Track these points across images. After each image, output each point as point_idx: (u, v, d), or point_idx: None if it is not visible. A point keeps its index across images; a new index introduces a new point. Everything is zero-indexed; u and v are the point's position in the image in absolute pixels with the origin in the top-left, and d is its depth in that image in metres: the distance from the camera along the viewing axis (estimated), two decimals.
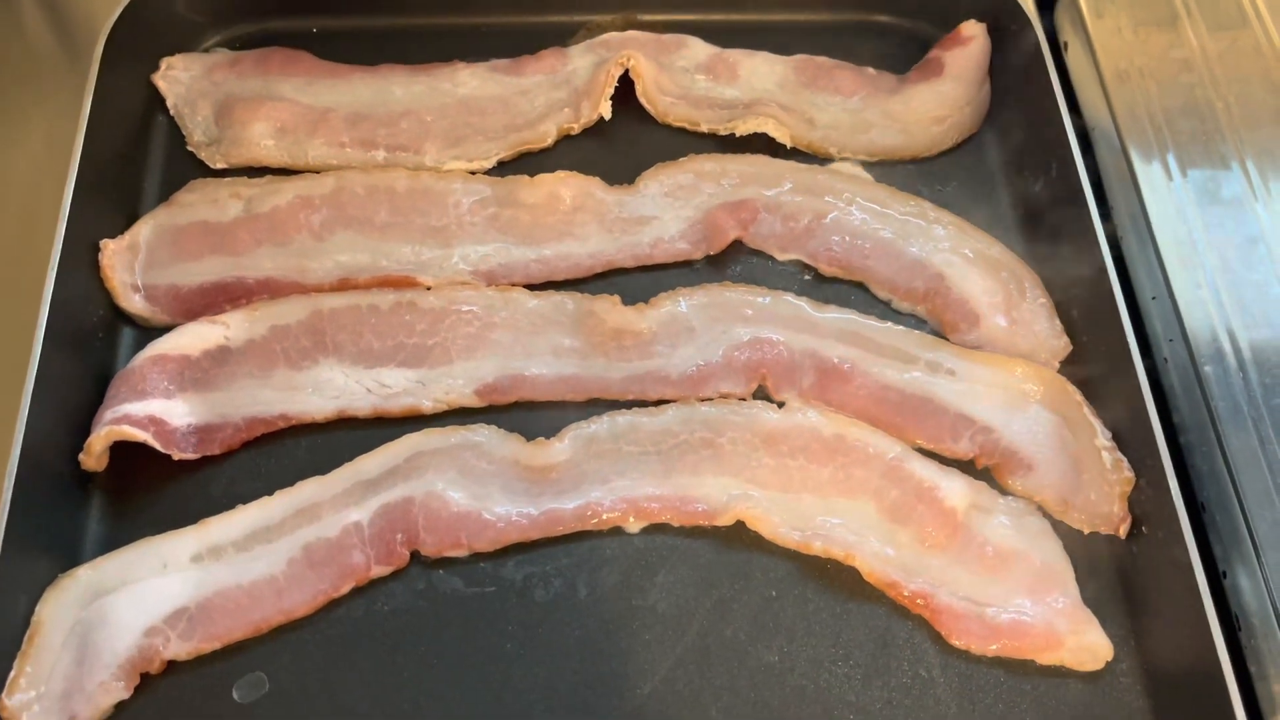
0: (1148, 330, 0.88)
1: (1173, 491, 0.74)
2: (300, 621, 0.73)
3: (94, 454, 0.75)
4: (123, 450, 0.76)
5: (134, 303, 0.83)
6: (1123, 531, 0.76)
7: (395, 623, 0.73)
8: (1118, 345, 0.80)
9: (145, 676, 0.71)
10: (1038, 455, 0.79)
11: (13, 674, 0.68)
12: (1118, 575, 0.77)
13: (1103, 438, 0.78)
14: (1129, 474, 0.76)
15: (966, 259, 0.86)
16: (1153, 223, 0.89)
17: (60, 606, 0.71)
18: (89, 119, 0.86)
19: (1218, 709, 0.68)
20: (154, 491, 0.78)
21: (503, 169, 0.91)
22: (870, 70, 0.97)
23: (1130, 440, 0.78)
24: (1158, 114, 0.96)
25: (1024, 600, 0.74)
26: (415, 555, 0.75)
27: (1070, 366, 0.84)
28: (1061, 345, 0.84)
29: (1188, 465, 0.81)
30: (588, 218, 0.87)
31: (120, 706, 0.70)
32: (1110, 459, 0.77)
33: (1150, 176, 0.92)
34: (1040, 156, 0.92)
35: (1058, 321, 0.85)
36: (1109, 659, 0.73)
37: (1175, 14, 1.02)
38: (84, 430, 0.77)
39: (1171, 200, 0.90)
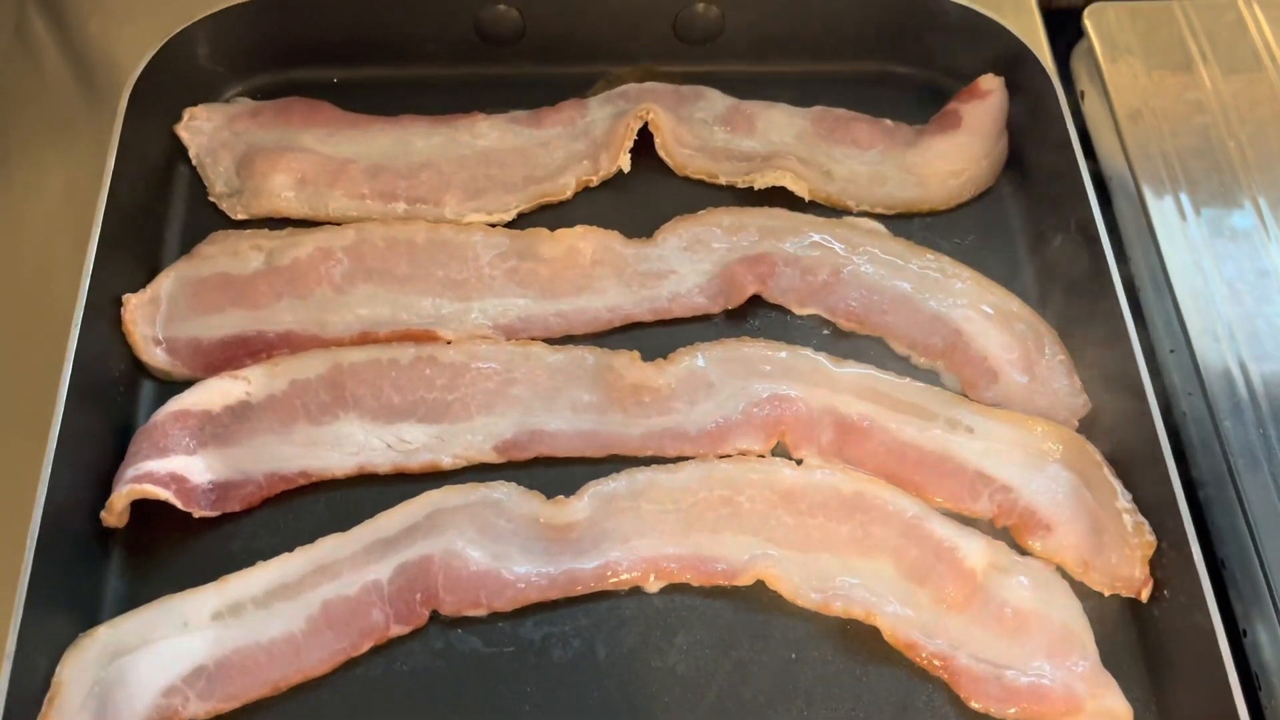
0: (1166, 384, 0.88)
1: (1194, 555, 0.73)
2: (318, 681, 0.73)
3: (115, 512, 0.75)
4: (143, 506, 0.76)
5: (155, 356, 0.83)
6: (1144, 595, 0.76)
7: (413, 682, 0.73)
8: (1137, 402, 0.80)
9: None
10: (1057, 515, 0.79)
11: None
12: (1138, 637, 0.77)
13: (1123, 499, 0.78)
14: (1150, 538, 0.76)
15: (984, 314, 0.86)
16: (1169, 270, 0.90)
17: (80, 667, 0.71)
18: (113, 169, 0.86)
19: None
20: (174, 548, 0.78)
21: (522, 220, 0.92)
22: (888, 122, 0.98)
23: (1150, 500, 0.78)
24: (1171, 154, 0.97)
25: (1043, 663, 0.74)
26: (434, 615, 0.75)
27: (1089, 424, 0.83)
28: (1080, 404, 0.84)
29: (1207, 521, 0.81)
30: (607, 271, 0.87)
31: None
32: (1131, 522, 0.77)
33: (1164, 216, 0.92)
34: (1057, 209, 0.92)
35: (1076, 379, 0.85)
36: None
37: (1190, 58, 1.03)
38: (105, 485, 0.77)
39: (1186, 241, 0.91)
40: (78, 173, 0.92)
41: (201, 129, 0.94)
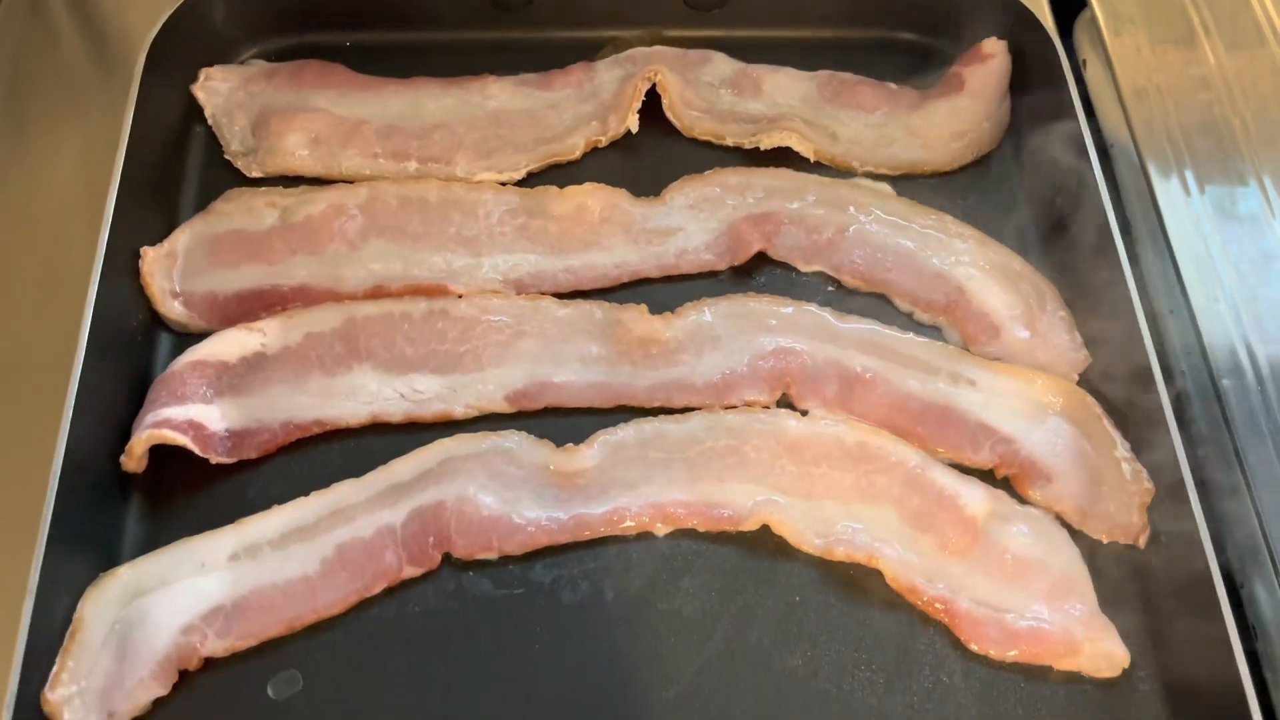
0: (1165, 346, 0.89)
1: (1192, 502, 0.75)
2: (333, 620, 0.75)
3: (135, 456, 0.77)
4: (161, 452, 0.78)
5: (173, 308, 0.85)
6: (1142, 542, 0.77)
7: (426, 623, 0.75)
8: (1137, 357, 0.82)
9: (183, 673, 0.73)
10: (1057, 466, 0.80)
11: (55, 670, 0.69)
12: (1136, 585, 0.78)
13: (1122, 449, 0.79)
14: (1149, 485, 0.78)
15: (987, 272, 0.88)
16: (1170, 238, 0.91)
17: (101, 605, 0.73)
18: (131, 128, 0.88)
19: (1235, 717, 0.69)
20: (191, 494, 0.79)
21: (531, 180, 0.93)
22: (892, 86, 0.99)
23: (1149, 452, 0.79)
24: (1175, 131, 0.97)
25: (1042, 607, 0.75)
26: (446, 557, 0.77)
27: (1089, 379, 0.85)
28: (1081, 358, 0.85)
29: (1205, 479, 0.82)
30: (614, 229, 0.89)
31: (158, 703, 0.72)
32: (1130, 470, 0.78)
33: (1168, 192, 0.93)
34: (1060, 172, 0.93)
35: (1077, 335, 0.86)
36: (1125, 666, 0.74)
37: (1193, 32, 1.04)
38: (124, 432, 0.79)
39: (1189, 215, 0.92)
40: (95, 134, 0.93)
41: (217, 90, 0.95)
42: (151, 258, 0.85)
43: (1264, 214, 0.91)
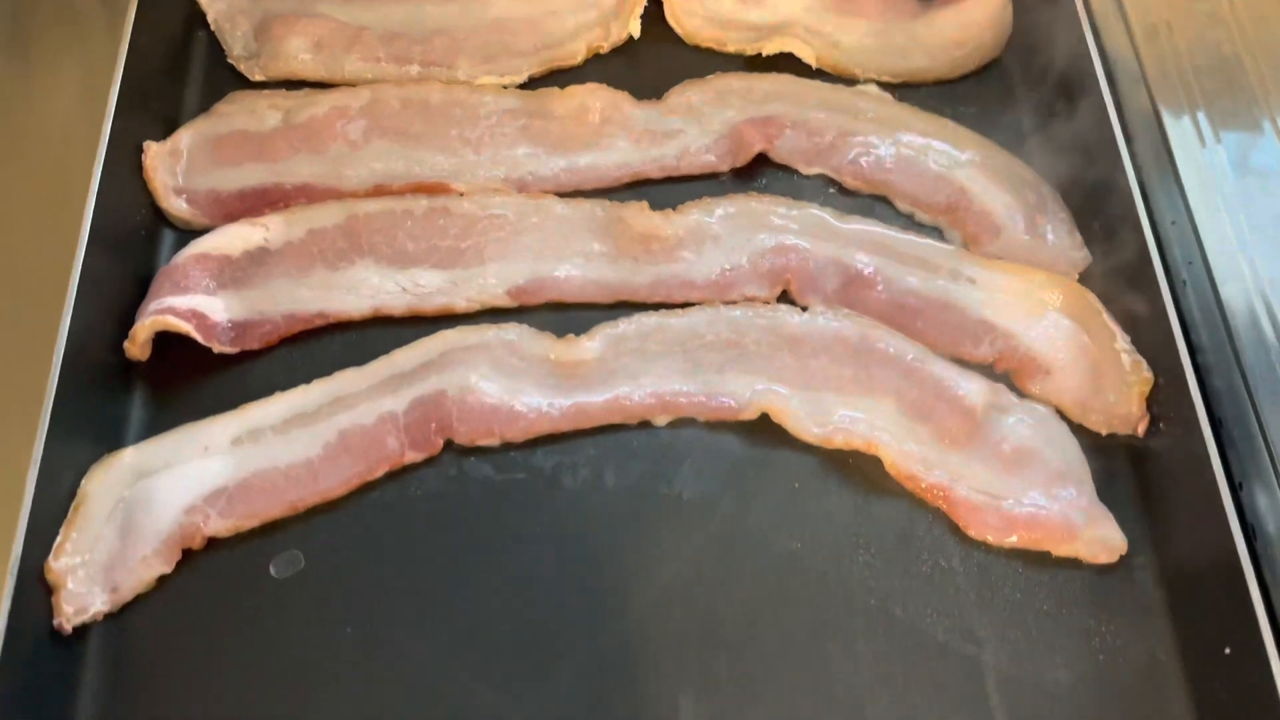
0: (1167, 255, 0.89)
1: (1191, 389, 0.75)
2: (335, 503, 0.75)
3: (139, 342, 0.77)
4: (164, 343, 0.78)
5: (175, 205, 0.85)
6: (1141, 430, 0.78)
7: (427, 506, 0.76)
8: (1138, 256, 0.82)
9: (186, 552, 0.73)
10: (1056, 360, 0.80)
11: (59, 540, 0.70)
12: (1135, 477, 0.78)
13: (1122, 341, 0.79)
14: (1148, 374, 0.78)
15: (988, 174, 0.88)
16: (1174, 150, 0.91)
17: (105, 484, 0.73)
18: (132, 33, 0.88)
19: (1233, 599, 0.69)
20: (194, 383, 0.80)
21: (533, 84, 0.93)
22: None
23: (1149, 346, 0.80)
24: (1184, 58, 0.97)
25: (1040, 495, 0.76)
26: (448, 443, 0.77)
27: (1089, 279, 0.85)
28: (1081, 257, 0.85)
29: (1206, 385, 0.82)
30: (616, 129, 0.89)
31: (161, 580, 0.72)
32: (1129, 360, 0.79)
33: (1174, 113, 0.93)
34: (1062, 80, 0.93)
35: (1077, 235, 0.86)
36: (1123, 552, 0.75)
37: None
38: (127, 323, 0.79)
39: (1194, 133, 0.92)
40: (98, 36, 0.92)
41: None
42: (154, 152, 0.86)
43: (1271, 144, 0.91)
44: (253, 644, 0.71)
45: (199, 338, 0.78)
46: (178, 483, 0.74)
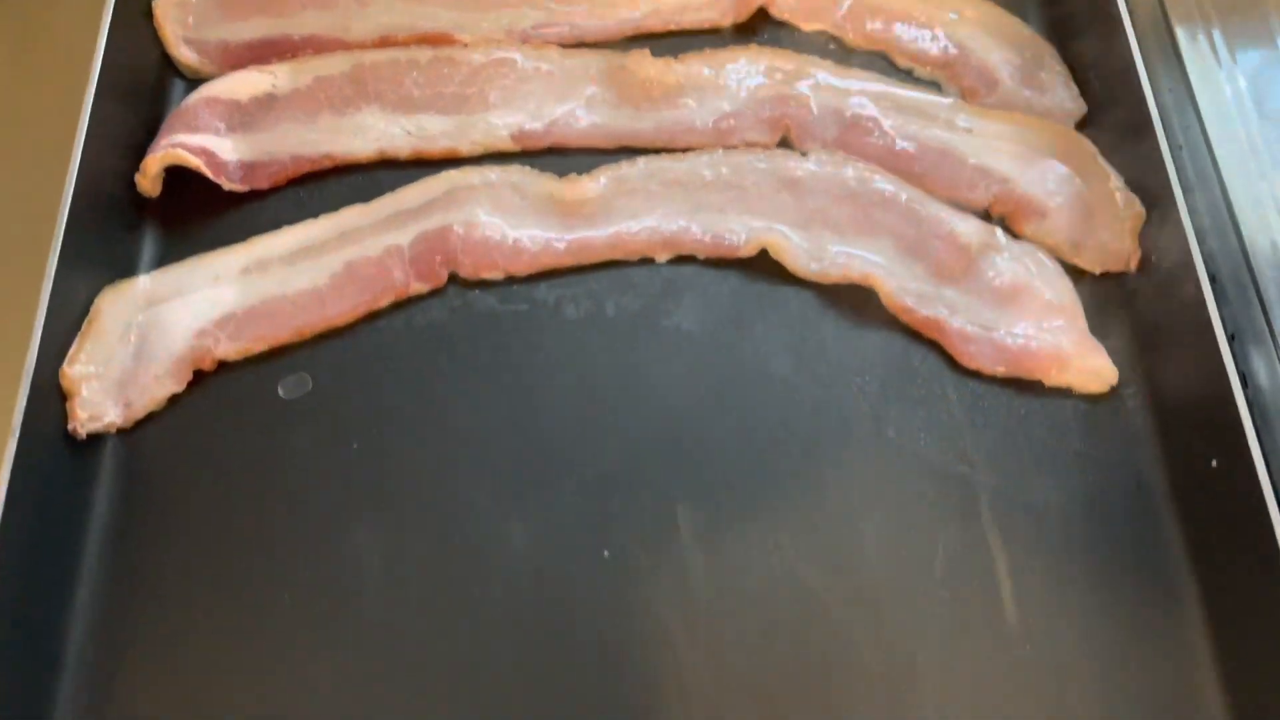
0: (1165, 119, 0.90)
1: (1184, 220, 0.76)
2: (341, 330, 0.77)
3: (150, 176, 0.79)
4: (174, 184, 0.80)
5: (185, 54, 0.86)
6: (1133, 265, 0.79)
7: (432, 334, 0.77)
8: (1134, 109, 0.83)
9: (198, 374, 0.75)
10: (1051, 202, 0.82)
11: (73, 349, 0.72)
12: (1126, 314, 0.79)
13: (1116, 181, 0.81)
14: (1139, 208, 0.79)
15: (988, 30, 0.89)
16: (1173, 23, 0.91)
17: (117, 306, 0.75)
18: None
19: (1224, 426, 0.70)
20: (204, 220, 0.81)
21: None
22: None
23: (1143, 188, 0.81)
24: None
25: (1032, 326, 0.77)
26: (453, 277, 0.79)
27: (1085, 130, 0.86)
28: (1077, 108, 0.86)
29: (1204, 246, 0.83)
30: None
31: (173, 399, 0.74)
32: (1122, 198, 0.80)
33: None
34: None
35: (1074, 87, 0.87)
36: (1114, 382, 0.76)
37: None
38: (138, 162, 0.80)
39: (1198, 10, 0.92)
40: None
41: None
42: (164, 2, 0.87)
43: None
44: (261, 460, 0.73)
45: (209, 174, 0.79)
46: (188, 309, 0.76)
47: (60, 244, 0.72)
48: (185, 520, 0.71)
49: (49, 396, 0.70)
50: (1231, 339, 0.80)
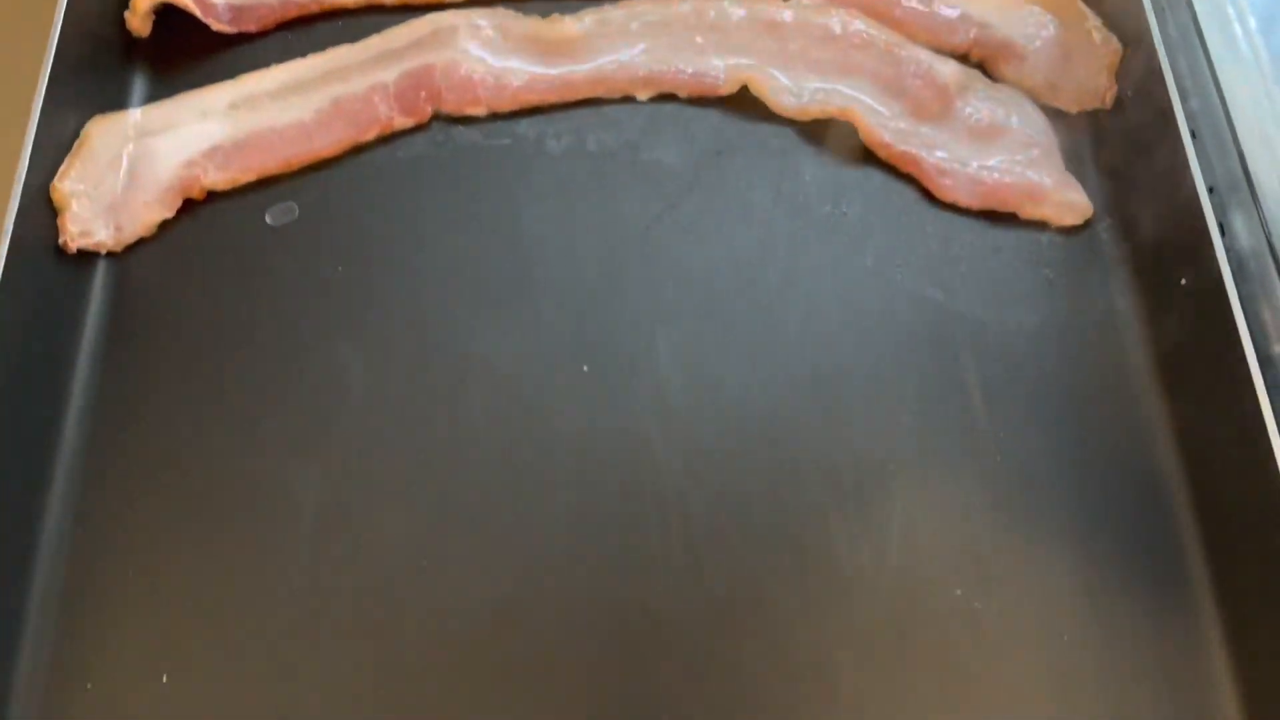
0: None
1: (1159, 55, 0.77)
2: (327, 161, 0.78)
3: (139, 14, 0.80)
4: (164, 26, 0.81)
5: None
6: (1109, 101, 0.80)
7: (417, 166, 0.78)
8: None
9: (188, 202, 0.76)
10: (1030, 45, 0.82)
11: (63, 166, 0.73)
12: (1101, 152, 0.80)
13: (1093, 20, 0.81)
14: (1117, 45, 0.80)
15: None
16: None
17: (107, 135, 0.76)
18: None
19: (1196, 256, 0.71)
20: (194, 61, 0.82)
21: None
22: None
23: (1120, 28, 0.81)
24: None
25: (1008, 160, 0.78)
26: (437, 114, 0.80)
27: None
28: None
29: (1181, 87, 0.83)
30: None
31: (163, 225, 0.76)
32: (1100, 36, 0.80)
33: None
34: None
35: None
36: (1089, 215, 0.77)
37: None
38: (126, 3, 0.81)
39: None
40: None
41: None
42: None
43: None
44: (248, 282, 0.74)
45: (198, 13, 0.80)
46: (177, 140, 0.77)
47: (47, 80, 0.73)
48: (175, 338, 0.73)
49: (40, 210, 0.72)
50: (1210, 191, 0.81)
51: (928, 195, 0.78)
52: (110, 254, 0.75)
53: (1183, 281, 0.71)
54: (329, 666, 0.63)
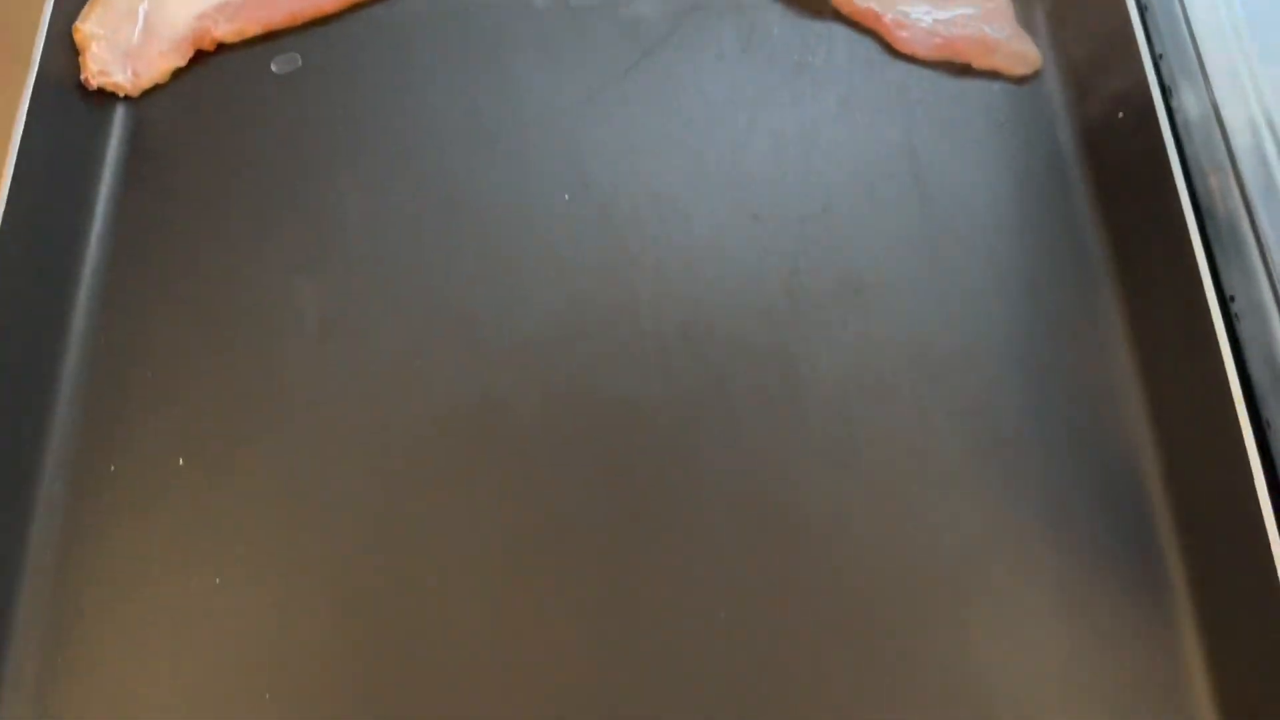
0: None
1: None
2: (330, 17, 0.84)
3: None
4: None
5: None
6: None
7: (412, 22, 0.84)
8: None
9: (199, 53, 0.82)
10: None
11: (84, 10, 0.79)
12: (1052, 15, 0.86)
13: None
14: None
15: None
16: None
17: None
18: None
19: (1131, 97, 0.77)
20: None
21: None
22: None
23: None
24: None
25: (964, 16, 0.84)
26: None
27: None
28: None
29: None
30: None
31: (176, 74, 0.82)
32: None
33: None
34: None
35: None
36: (1038, 67, 0.83)
37: None
38: None
39: None
40: None
41: None
42: None
43: None
44: (255, 125, 0.80)
45: None
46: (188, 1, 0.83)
47: None
48: (188, 172, 0.78)
49: (64, 51, 0.78)
50: (1167, 91, 0.85)
51: (888, 48, 0.84)
52: (127, 98, 0.80)
53: (1120, 115, 0.77)
54: (326, 453, 0.69)
